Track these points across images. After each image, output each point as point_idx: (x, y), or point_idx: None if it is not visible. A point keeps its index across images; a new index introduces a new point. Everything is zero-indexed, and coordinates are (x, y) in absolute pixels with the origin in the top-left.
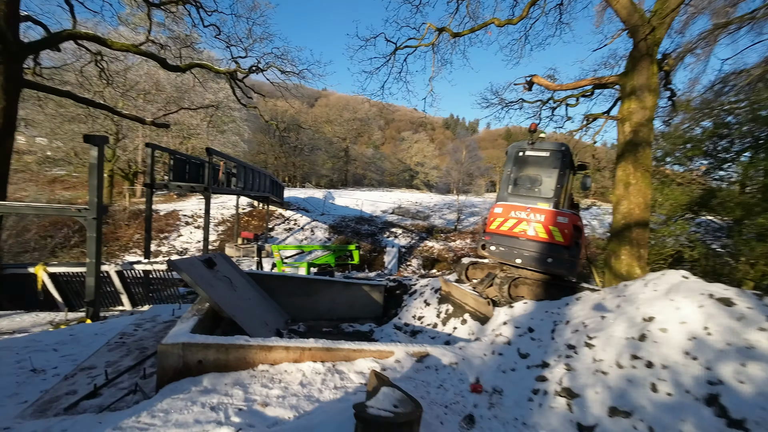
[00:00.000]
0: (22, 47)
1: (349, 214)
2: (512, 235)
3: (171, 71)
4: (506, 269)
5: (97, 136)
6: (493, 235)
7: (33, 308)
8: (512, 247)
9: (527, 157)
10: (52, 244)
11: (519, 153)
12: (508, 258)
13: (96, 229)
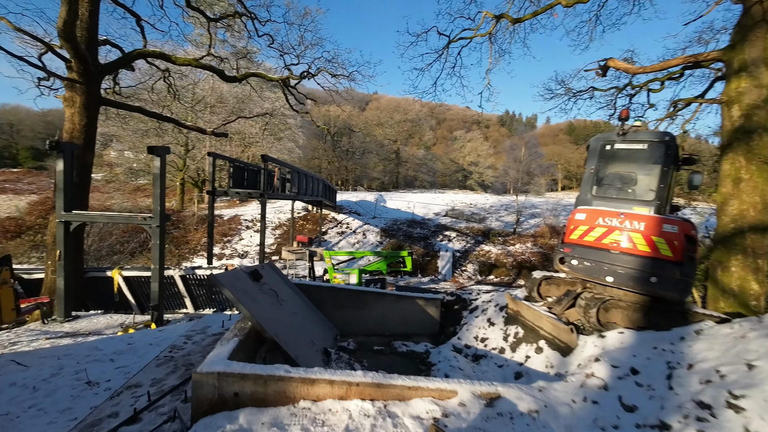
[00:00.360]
0: (100, 68)
1: (401, 217)
2: (601, 247)
3: (229, 82)
4: (592, 287)
5: (159, 147)
6: (575, 246)
7: (111, 308)
8: (601, 262)
9: (617, 150)
10: (129, 248)
11: (606, 146)
12: (595, 275)
13: (159, 237)
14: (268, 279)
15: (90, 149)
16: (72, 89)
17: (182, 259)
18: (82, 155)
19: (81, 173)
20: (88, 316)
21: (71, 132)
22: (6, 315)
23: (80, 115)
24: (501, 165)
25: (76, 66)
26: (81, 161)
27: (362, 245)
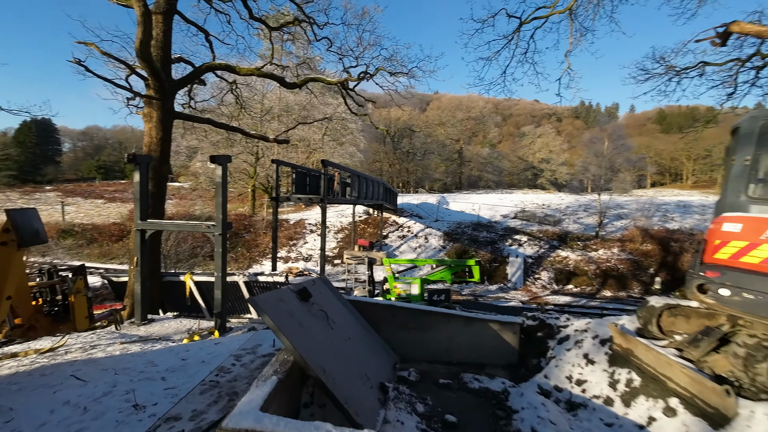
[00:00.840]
0: (173, 84)
1: (465, 219)
2: None
3: (289, 88)
4: (748, 326)
5: (221, 156)
6: (725, 270)
7: (184, 311)
8: None
9: None
10: (203, 252)
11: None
12: (764, 313)
13: (222, 245)
14: (319, 297)
15: (166, 161)
16: (149, 105)
17: (252, 261)
18: (159, 166)
19: (158, 183)
20: (162, 320)
21: (149, 145)
22: (80, 323)
23: (157, 129)
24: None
25: (153, 83)
26: (158, 172)
27: (424, 250)
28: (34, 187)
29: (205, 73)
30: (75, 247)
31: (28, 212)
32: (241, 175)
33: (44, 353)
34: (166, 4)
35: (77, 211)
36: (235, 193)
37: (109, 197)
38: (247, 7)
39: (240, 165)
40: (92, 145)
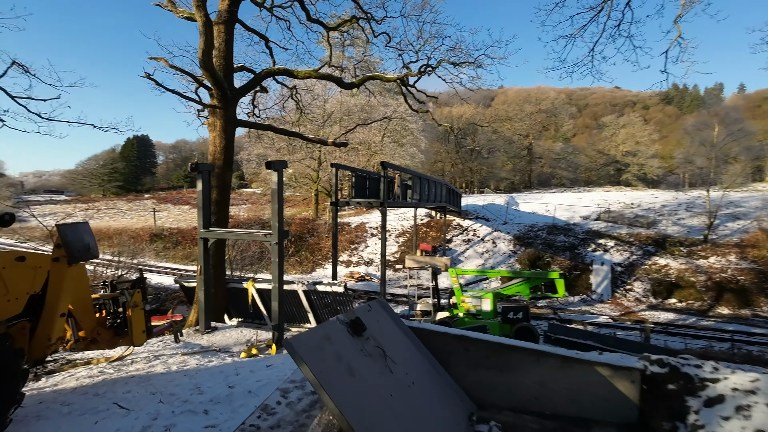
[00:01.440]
0: (235, 92)
1: (538, 221)
2: None
3: (347, 89)
4: None
5: (276, 162)
6: None
7: (248, 317)
8: None
9: None
10: (267, 257)
11: None
12: None
13: (278, 254)
14: (375, 328)
15: (229, 168)
16: (213, 114)
17: (316, 265)
18: (222, 174)
19: (221, 191)
20: (224, 329)
21: (213, 154)
22: (137, 338)
23: (220, 137)
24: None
25: (216, 92)
26: (221, 180)
27: (492, 255)
28: (135, 196)
29: (265, 79)
30: (163, 250)
31: (80, 227)
32: (305, 180)
33: (113, 361)
34: (227, 13)
35: (168, 216)
36: (300, 197)
37: (193, 203)
38: (305, 9)
39: (303, 170)
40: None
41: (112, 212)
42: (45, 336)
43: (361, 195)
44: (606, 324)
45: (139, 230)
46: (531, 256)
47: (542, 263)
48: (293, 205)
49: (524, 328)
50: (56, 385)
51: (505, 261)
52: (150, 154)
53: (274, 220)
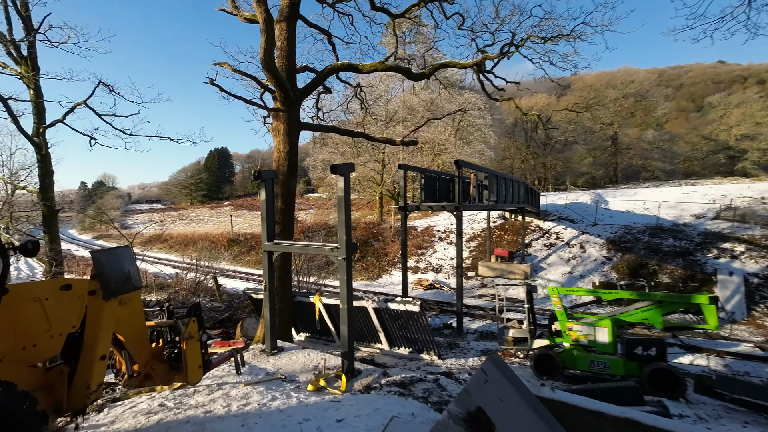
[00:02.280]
0: (298, 93)
1: (636, 222)
2: None
3: (416, 80)
4: None
5: (342, 165)
6: None
7: (315, 332)
8: None
9: None
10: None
11: None
12: None
13: (346, 270)
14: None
15: (293, 174)
16: (276, 118)
17: (382, 271)
18: (286, 181)
19: (285, 199)
20: (291, 350)
21: (278, 160)
22: (192, 374)
23: (284, 142)
24: None
25: (279, 94)
26: (285, 187)
27: (580, 262)
28: (217, 203)
29: (329, 77)
30: (238, 254)
31: (119, 253)
32: (369, 183)
33: (176, 389)
34: (288, 9)
35: (243, 221)
36: (364, 200)
37: None
38: None
39: (367, 173)
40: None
41: (198, 219)
42: (84, 383)
43: (431, 197)
44: (752, 355)
45: (219, 236)
46: (631, 263)
47: (646, 272)
48: (357, 208)
49: (662, 371)
50: (113, 423)
51: (597, 269)
52: (228, 164)
53: (341, 231)
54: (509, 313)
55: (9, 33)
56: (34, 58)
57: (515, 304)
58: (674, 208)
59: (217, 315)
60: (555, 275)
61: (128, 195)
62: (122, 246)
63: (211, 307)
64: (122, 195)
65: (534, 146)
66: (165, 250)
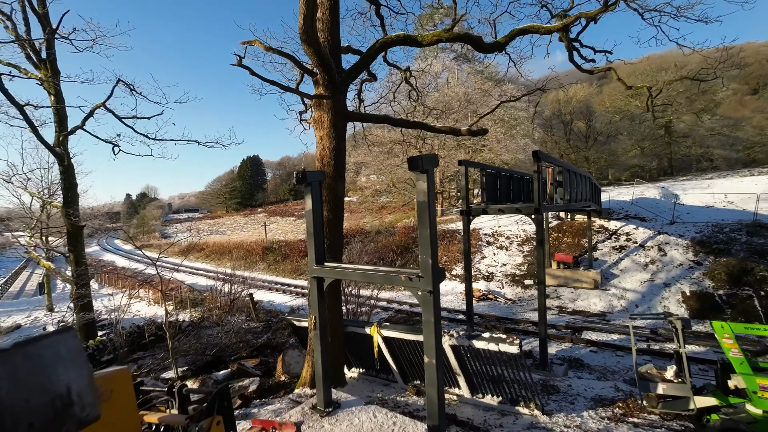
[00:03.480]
0: (344, 76)
1: (725, 218)
2: None
3: (488, 51)
4: None
5: (424, 157)
6: None
7: (372, 368)
8: None
9: None
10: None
11: None
12: None
13: (433, 308)
14: None
15: (340, 177)
16: (319, 107)
17: None
18: (333, 185)
19: (332, 206)
20: (349, 405)
21: (322, 159)
22: None
23: (329, 136)
24: None
25: (321, 77)
26: (331, 192)
27: (661, 268)
28: (250, 210)
29: (380, 54)
30: (273, 263)
31: (48, 347)
32: (403, 185)
33: None
34: None
35: (277, 227)
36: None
37: (298, 215)
38: None
39: (401, 175)
40: (285, 172)
41: (233, 226)
42: None
43: (492, 198)
44: None
45: (253, 243)
46: (730, 268)
47: (752, 278)
48: (390, 211)
49: None
50: None
51: (684, 276)
52: (261, 172)
53: (423, 253)
54: (590, 333)
55: (27, 34)
56: (53, 61)
57: (589, 318)
58: (758, 201)
59: (254, 339)
60: (631, 283)
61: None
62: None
63: (247, 329)
64: (162, 205)
65: (574, 139)
66: (201, 259)
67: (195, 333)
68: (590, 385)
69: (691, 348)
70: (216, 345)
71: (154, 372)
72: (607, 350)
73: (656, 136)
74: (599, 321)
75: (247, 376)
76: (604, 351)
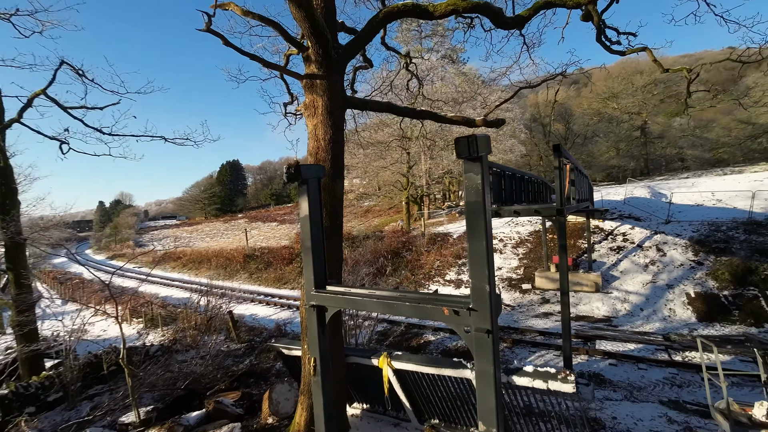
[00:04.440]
0: (341, 53)
1: (719, 217)
2: None
3: (508, 27)
4: None
5: (478, 138)
6: None
7: (379, 404)
8: None
9: None
10: (388, 270)
11: None
12: None
13: (492, 352)
14: None
15: (339, 175)
16: (312, 90)
17: (418, 285)
18: (331, 184)
19: (331, 211)
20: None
21: (316, 153)
22: None
23: (324, 125)
24: None
25: (313, 51)
26: (330, 193)
27: (662, 269)
28: (231, 216)
29: (382, 28)
30: (255, 271)
31: None
32: (389, 187)
33: None
34: None
35: (258, 233)
36: (384, 206)
37: (280, 220)
38: None
39: (388, 177)
40: (266, 177)
41: (212, 233)
42: None
43: (499, 199)
44: None
45: (234, 251)
46: (734, 268)
47: (756, 278)
48: (376, 215)
49: None
50: None
51: (687, 276)
52: (241, 176)
53: (479, 276)
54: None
55: None
56: None
57: (596, 324)
58: (754, 198)
59: (234, 364)
60: (633, 286)
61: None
62: None
63: (227, 352)
64: (138, 212)
65: (554, 141)
66: (178, 268)
67: (165, 359)
68: (633, 413)
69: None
70: (189, 375)
71: (112, 414)
72: (627, 362)
73: (632, 138)
74: (607, 327)
75: (226, 417)
76: (623, 363)
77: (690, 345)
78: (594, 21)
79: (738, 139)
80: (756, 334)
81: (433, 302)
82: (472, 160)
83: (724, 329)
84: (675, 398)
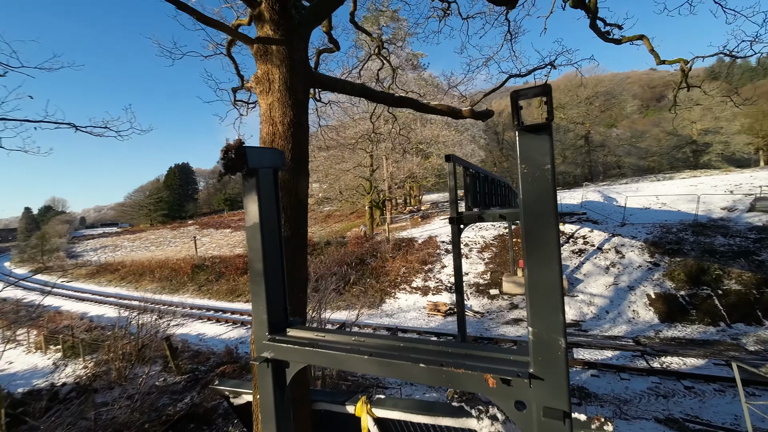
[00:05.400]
0: (305, 14)
1: (668, 219)
2: None
3: (500, 3)
4: None
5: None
6: None
7: None
8: None
9: None
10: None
11: None
12: None
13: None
14: None
15: (303, 169)
16: (265, 59)
17: (384, 294)
18: (292, 182)
19: (293, 217)
20: None
21: (271, 141)
22: None
23: (282, 104)
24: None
25: (268, 7)
26: (290, 193)
27: (623, 271)
28: (179, 223)
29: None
30: (205, 283)
31: None
32: (351, 192)
33: None
34: None
35: (210, 241)
36: (346, 211)
37: (234, 226)
38: None
39: (350, 182)
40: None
41: (158, 241)
42: None
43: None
44: None
45: (180, 261)
46: (688, 268)
47: (708, 278)
48: (337, 219)
49: None
50: None
51: (646, 278)
52: (191, 180)
53: (545, 326)
54: (580, 351)
55: None
56: None
57: (568, 329)
58: (694, 202)
59: (172, 403)
60: (597, 288)
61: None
62: None
63: (162, 387)
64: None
65: (507, 148)
66: (116, 282)
67: (80, 403)
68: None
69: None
70: (110, 425)
71: None
72: (608, 372)
73: (577, 146)
74: (577, 332)
75: None
76: (605, 374)
77: (662, 349)
78: (591, 2)
79: (666, 148)
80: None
81: (464, 360)
82: (533, 130)
83: (686, 329)
84: (666, 413)
